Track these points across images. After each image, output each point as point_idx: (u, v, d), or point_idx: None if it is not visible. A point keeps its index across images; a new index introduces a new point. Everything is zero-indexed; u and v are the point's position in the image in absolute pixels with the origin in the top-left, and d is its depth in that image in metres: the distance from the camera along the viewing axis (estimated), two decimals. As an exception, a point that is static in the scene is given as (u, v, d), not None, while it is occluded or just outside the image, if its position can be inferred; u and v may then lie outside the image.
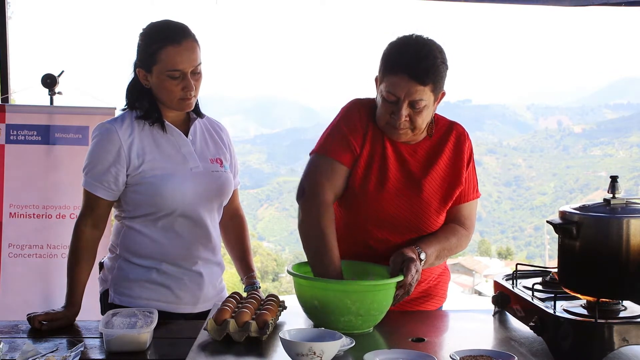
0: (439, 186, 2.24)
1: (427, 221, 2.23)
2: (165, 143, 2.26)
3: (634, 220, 1.71)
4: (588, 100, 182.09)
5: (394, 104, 2.11)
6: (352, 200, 2.22)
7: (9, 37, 4.00)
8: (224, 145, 2.41)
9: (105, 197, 2.22)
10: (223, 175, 2.34)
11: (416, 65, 2.06)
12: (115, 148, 2.20)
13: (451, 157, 2.26)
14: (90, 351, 1.91)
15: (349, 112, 2.25)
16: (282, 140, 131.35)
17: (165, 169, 2.23)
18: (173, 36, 2.18)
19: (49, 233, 3.76)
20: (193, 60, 2.19)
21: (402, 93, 2.08)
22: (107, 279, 2.32)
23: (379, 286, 1.96)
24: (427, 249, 2.14)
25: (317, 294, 1.94)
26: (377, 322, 1.98)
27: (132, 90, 2.29)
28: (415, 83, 2.06)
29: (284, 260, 48.72)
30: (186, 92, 2.20)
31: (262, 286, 2.62)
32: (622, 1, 3.70)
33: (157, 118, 2.25)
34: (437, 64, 2.09)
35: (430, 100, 2.11)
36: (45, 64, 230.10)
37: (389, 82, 2.09)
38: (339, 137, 2.22)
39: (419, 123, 2.14)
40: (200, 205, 2.27)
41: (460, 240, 2.27)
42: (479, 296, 30.50)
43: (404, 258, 2.04)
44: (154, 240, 2.26)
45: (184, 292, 2.29)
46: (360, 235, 2.22)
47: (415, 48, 2.09)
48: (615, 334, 1.68)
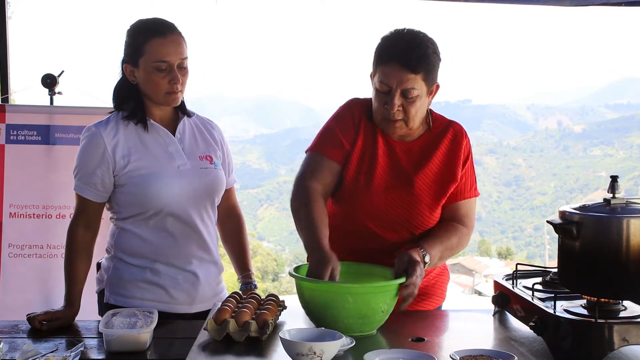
0: (431, 182, 2.25)
1: (419, 217, 2.24)
2: (151, 142, 2.28)
3: (634, 220, 1.71)
4: (588, 100, 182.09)
5: (387, 95, 2.14)
6: (346, 196, 2.25)
7: (9, 37, 4.00)
8: (215, 142, 2.42)
9: (93, 199, 2.25)
10: (212, 172, 2.34)
11: (407, 54, 2.10)
12: (99, 151, 2.23)
13: (446, 154, 2.28)
14: (90, 351, 1.92)
15: (342, 110, 2.31)
16: (282, 140, 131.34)
17: (151, 168, 2.24)
18: (159, 29, 2.23)
19: (49, 233, 3.75)
20: (179, 53, 2.23)
21: (394, 82, 2.11)
22: (103, 279, 2.34)
23: (380, 287, 1.95)
24: (431, 250, 2.15)
25: (317, 296, 1.93)
26: (380, 324, 1.97)
27: (120, 89, 2.32)
28: (407, 71, 2.10)
29: (284, 260, 48.74)
30: (173, 85, 2.22)
31: (262, 286, 2.63)
32: (622, 1, 3.70)
33: (141, 118, 2.27)
34: (429, 53, 2.12)
35: (422, 90, 2.13)
36: (45, 64, 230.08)
37: (381, 73, 2.14)
38: (329, 135, 2.27)
39: (412, 114, 2.15)
40: (190, 204, 2.28)
41: (461, 239, 2.27)
42: (479, 296, 30.52)
43: (410, 259, 2.04)
44: (146, 241, 2.27)
45: (179, 292, 2.29)
46: (357, 232, 2.24)
47: (406, 38, 2.15)
48: (615, 334, 1.68)
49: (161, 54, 2.20)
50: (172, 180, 2.25)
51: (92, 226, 2.28)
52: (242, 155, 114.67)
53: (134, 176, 2.23)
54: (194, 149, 2.34)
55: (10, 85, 4.11)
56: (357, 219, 2.23)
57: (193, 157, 2.32)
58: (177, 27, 2.27)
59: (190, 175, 2.29)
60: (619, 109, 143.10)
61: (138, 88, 2.27)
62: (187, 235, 2.29)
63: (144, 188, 2.23)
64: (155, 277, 2.28)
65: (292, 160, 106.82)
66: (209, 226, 2.37)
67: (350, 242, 2.23)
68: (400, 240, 2.21)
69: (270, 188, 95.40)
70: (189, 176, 2.28)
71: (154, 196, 2.23)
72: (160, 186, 2.23)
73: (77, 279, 2.24)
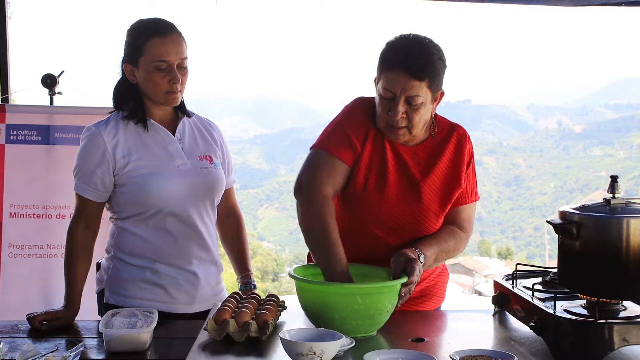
0: (438, 188, 2.23)
1: (425, 224, 2.23)
2: (151, 142, 2.28)
3: (634, 220, 1.72)
4: (588, 100, 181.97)
5: (391, 101, 2.10)
6: (353, 201, 2.22)
7: (9, 37, 4.00)
8: (215, 143, 2.42)
9: (93, 199, 2.25)
10: (212, 172, 2.34)
11: (412, 61, 2.06)
12: (99, 151, 2.23)
13: (451, 159, 2.25)
14: (90, 351, 1.92)
15: (352, 109, 2.25)
16: (282, 140, 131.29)
17: (150, 168, 2.24)
18: (159, 29, 2.23)
19: (49, 233, 3.76)
20: (179, 53, 2.23)
21: (399, 89, 2.07)
22: (103, 279, 2.34)
23: (386, 287, 1.94)
24: (426, 250, 2.14)
25: (325, 298, 1.90)
26: (382, 324, 1.97)
27: (120, 89, 2.32)
28: (412, 78, 2.06)
29: (284, 260, 48.71)
30: (172, 84, 2.23)
31: (262, 286, 2.63)
32: (622, 1, 3.70)
33: (142, 117, 2.27)
34: (434, 60, 2.08)
35: (427, 97, 2.10)
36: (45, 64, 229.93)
37: (386, 79, 2.09)
38: (341, 134, 2.20)
39: (416, 121, 2.12)
40: (190, 203, 2.28)
41: (459, 244, 2.27)
42: (479, 296, 30.49)
43: (407, 258, 2.04)
44: (146, 240, 2.27)
45: (179, 291, 2.29)
46: (360, 236, 2.22)
47: (412, 45, 2.10)
48: (615, 334, 1.68)
49: (161, 53, 2.21)
50: (172, 180, 2.25)
51: (92, 226, 2.28)
52: (242, 155, 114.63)
53: (134, 176, 2.23)
54: (193, 148, 2.34)
55: (10, 85, 4.12)
56: (362, 223, 2.21)
57: (193, 156, 2.32)
58: (177, 27, 2.27)
59: (190, 174, 2.29)
60: (619, 109, 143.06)
61: (138, 88, 2.28)
62: (186, 235, 2.29)
63: (143, 187, 2.23)
64: (155, 277, 2.28)
65: (292, 160, 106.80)
66: (209, 226, 2.37)
67: (351, 245, 2.20)
68: (402, 243, 2.20)
69: (270, 188, 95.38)
70: (189, 176, 2.28)
71: (154, 195, 2.23)
72: (160, 185, 2.23)
73: (77, 279, 2.24)
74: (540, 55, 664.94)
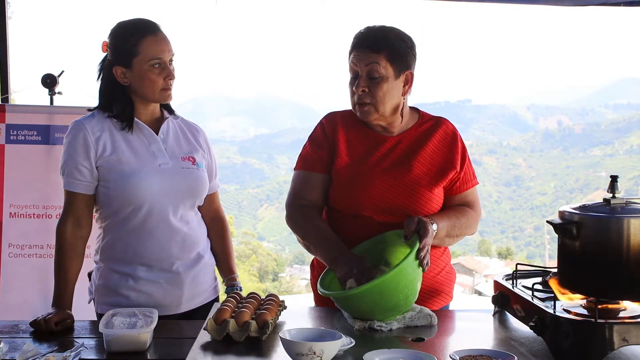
0: (429, 164, 2.30)
1: (419, 200, 2.25)
2: (135, 140, 2.29)
3: (634, 220, 1.72)
4: (588, 100, 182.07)
5: (355, 79, 2.23)
6: (340, 185, 2.28)
7: (9, 37, 4.00)
8: (199, 145, 2.43)
9: (81, 191, 2.25)
10: (194, 173, 2.34)
11: (369, 36, 2.21)
12: (83, 141, 2.24)
13: (441, 141, 2.34)
14: (90, 351, 1.91)
15: (313, 131, 2.40)
16: (282, 140, 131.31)
17: (132, 164, 2.25)
18: (149, 28, 2.27)
19: (49, 233, 3.70)
20: (170, 50, 2.28)
21: (361, 64, 2.20)
22: (92, 289, 2.36)
23: (413, 263, 1.98)
24: (439, 221, 2.19)
25: (368, 297, 1.93)
26: (417, 294, 2.04)
27: (108, 91, 2.32)
28: (369, 51, 2.19)
29: (284, 260, 48.68)
30: (168, 81, 2.27)
31: (262, 286, 2.63)
32: (621, 1, 3.70)
33: (129, 119, 2.29)
34: (391, 37, 2.21)
35: (388, 71, 2.20)
36: (45, 64, 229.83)
37: (350, 59, 2.24)
38: (307, 155, 2.36)
39: (380, 96, 2.20)
40: (170, 202, 2.28)
41: (470, 221, 2.33)
42: (479, 296, 30.48)
43: (420, 220, 2.08)
44: (127, 243, 2.27)
45: (164, 295, 2.29)
46: (355, 222, 2.25)
47: (374, 28, 2.25)
48: (615, 334, 1.68)
49: (156, 52, 2.24)
50: (152, 177, 2.25)
51: (82, 223, 2.27)
52: (242, 155, 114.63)
53: (115, 170, 2.23)
54: (176, 149, 2.35)
55: (10, 85, 4.12)
56: (355, 208, 2.25)
57: (175, 157, 2.33)
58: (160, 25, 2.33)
59: (171, 174, 2.29)
60: (619, 109, 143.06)
61: (127, 89, 2.28)
62: (167, 236, 2.28)
63: (124, 183, 2.22)
64: (138, 284, 2.27)
65: (292, 161, 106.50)
66: (192, 226, 2.35)
67: (349, 234, 2.25)
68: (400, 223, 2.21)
69: (270, 188, 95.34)
70: (170, 175, 2.28)
71: (134, 191, 2.22)
72: (140, 182, 2.23)
73: (67, 279, 2.23)
74: (540, 55, 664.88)
